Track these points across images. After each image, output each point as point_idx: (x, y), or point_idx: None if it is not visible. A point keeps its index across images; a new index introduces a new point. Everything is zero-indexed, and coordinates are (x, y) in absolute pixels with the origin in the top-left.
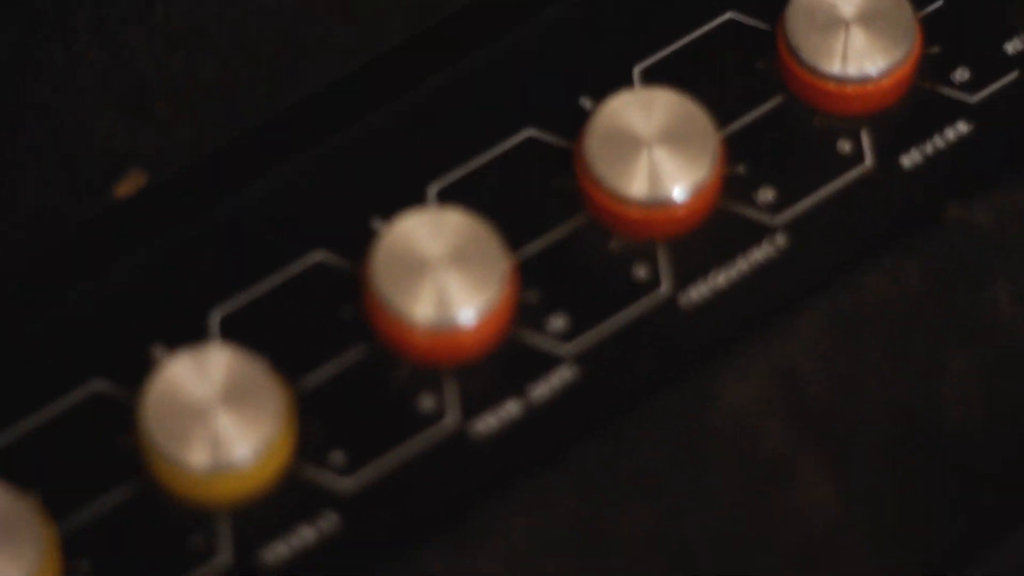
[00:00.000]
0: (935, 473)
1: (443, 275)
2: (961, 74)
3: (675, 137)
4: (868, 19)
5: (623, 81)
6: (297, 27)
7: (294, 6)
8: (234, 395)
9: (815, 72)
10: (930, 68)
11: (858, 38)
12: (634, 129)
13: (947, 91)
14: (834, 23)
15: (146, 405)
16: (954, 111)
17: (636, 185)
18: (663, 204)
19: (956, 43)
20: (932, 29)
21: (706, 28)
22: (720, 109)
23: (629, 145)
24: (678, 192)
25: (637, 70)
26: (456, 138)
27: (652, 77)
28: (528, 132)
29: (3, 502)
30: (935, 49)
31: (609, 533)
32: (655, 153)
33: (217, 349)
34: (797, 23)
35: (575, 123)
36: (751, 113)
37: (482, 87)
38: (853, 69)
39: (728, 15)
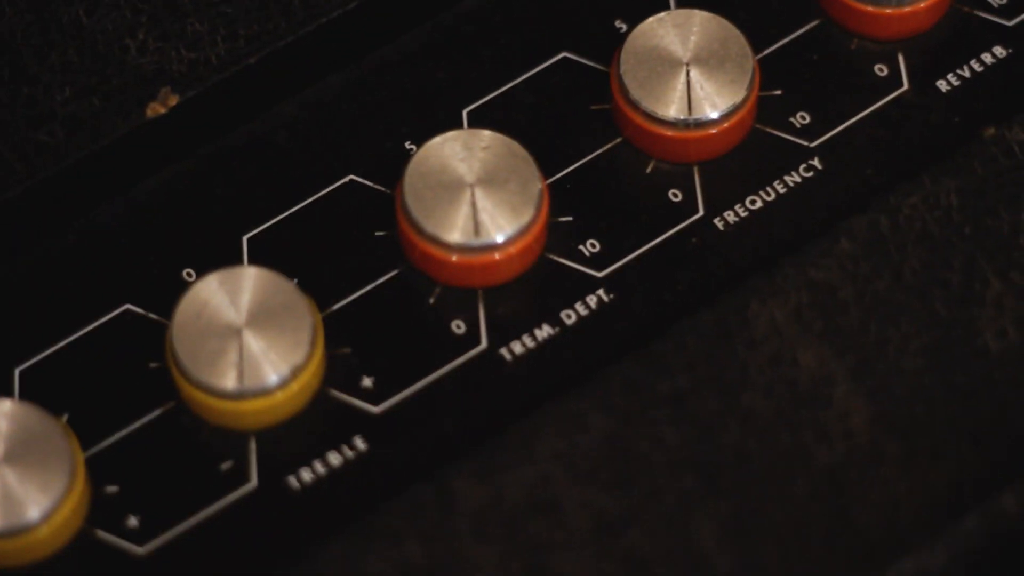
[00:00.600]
0: (970, 399)
1: (477, 197)
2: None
3: (712, 59)
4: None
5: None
6: None
7: None
8: (263, 318)
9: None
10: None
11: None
12: (671, 51)
13: (984, 15)
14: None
15: (176, 328)
16: (992, 35)
17: (673, 107)
18: (700, 125)
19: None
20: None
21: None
22: (757, 31)
23: (665, 66)
24: (714, 114)
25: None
26: (489, 63)
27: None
28: (564, 54)
29: (34, 422)
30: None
31: (639, 455)
32: (692, 74)
33: (246, 271)
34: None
35: (611, 45)
36: (788, 36)
37: (515, 9)
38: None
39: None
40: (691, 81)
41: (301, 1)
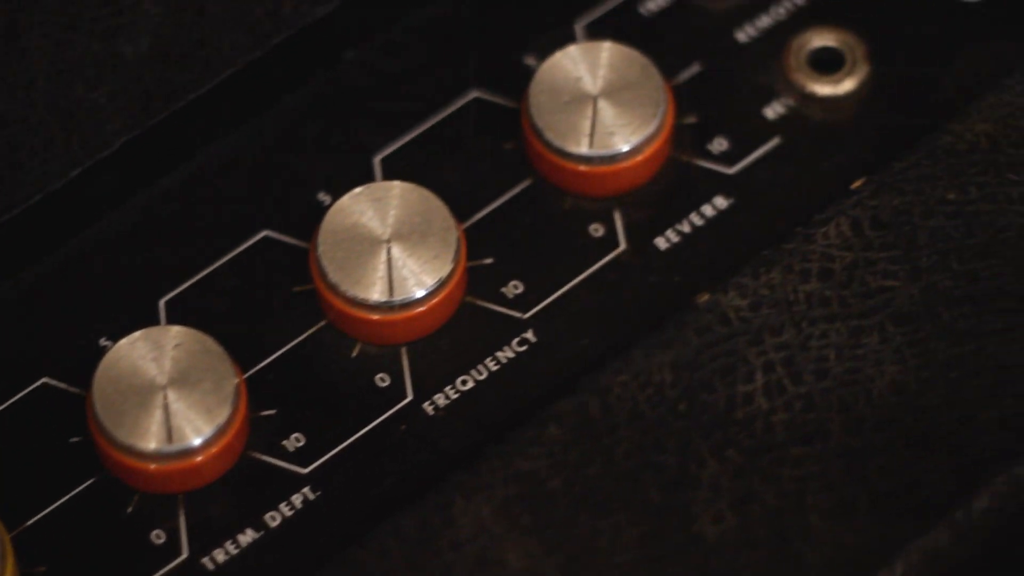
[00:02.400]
0: None
1: (169, 399)
2: (719, 144)
3: (413, 234)
4: (615, 92)
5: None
6: None
7: None
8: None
9: (562, 153)
10: (686, 139)
11: (606, 114)
12: (369, 228)
13: (704, 163)
14: (580, 99)
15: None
16: (713, 185)
17: (375, 289)
18: (405, 306)
19: (713, 110)
20: (686, 97)
21: (449, 110)
22: (465, 195)
23: (365, 245)
24: (419, 292)
25: (376, 159)
26: (188, 245)
27: (391, 165)
28: (266, 232)
29: None
30: (691, 119)
31: None
32: (393, 252)
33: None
34: (541, 101)
35: (314, 220)
36: (498, 199)
37: (215, 187)
38: (602, 147)
39: (473, 94)
40: (392, 259)
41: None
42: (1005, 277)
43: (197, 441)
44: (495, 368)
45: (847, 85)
